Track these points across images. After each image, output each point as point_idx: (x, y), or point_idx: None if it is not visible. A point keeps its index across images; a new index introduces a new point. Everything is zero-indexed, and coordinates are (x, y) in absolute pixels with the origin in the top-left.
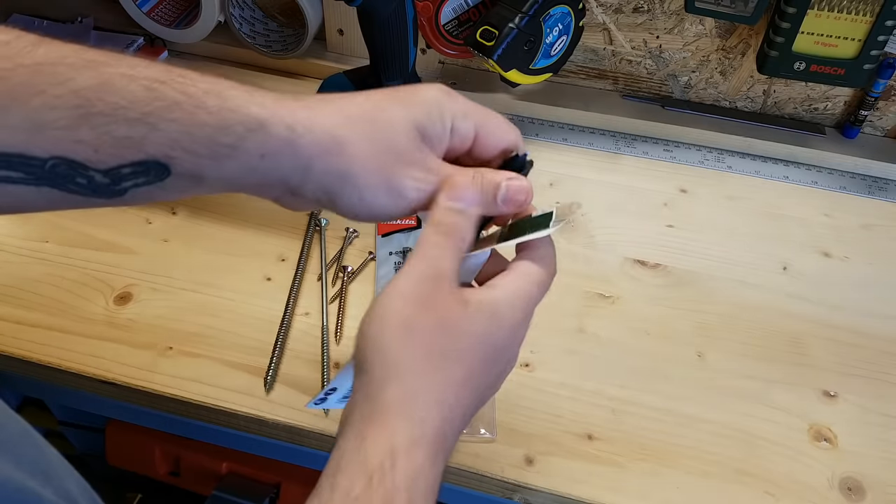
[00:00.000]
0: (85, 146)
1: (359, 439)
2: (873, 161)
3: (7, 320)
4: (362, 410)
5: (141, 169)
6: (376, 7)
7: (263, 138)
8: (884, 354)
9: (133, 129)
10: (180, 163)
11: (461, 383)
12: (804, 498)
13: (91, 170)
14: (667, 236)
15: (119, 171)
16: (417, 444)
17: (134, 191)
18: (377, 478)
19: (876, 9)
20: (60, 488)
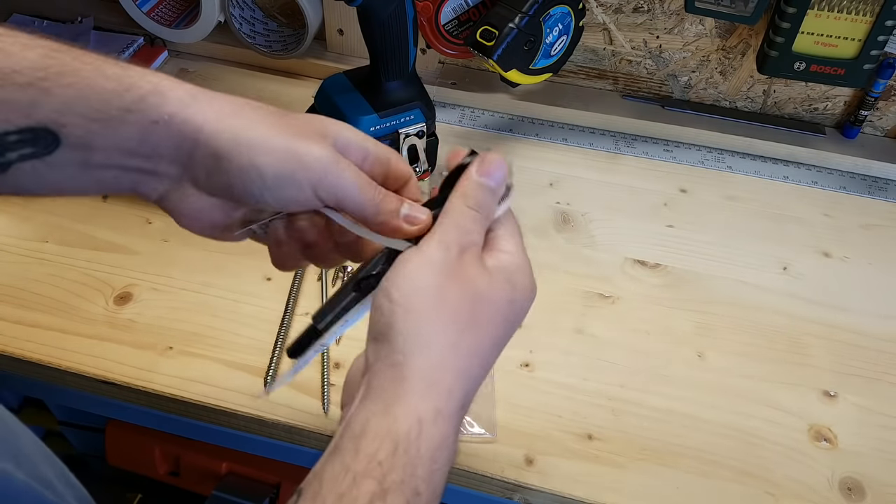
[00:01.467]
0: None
1: (385, 405)
2: (873, 161)
3: (7, 320)
4: (387, 376)
5: (28, 136)
6: (376, 7)
7: (159, 101)
8: (884, 354)
9: (23, 92)
10: (71, 130)
11: (486, 352)
12: (804, 498)
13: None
14: (667, 236)
15: (4, 139)
16: (443, 416)
17: (19, 165)
18: (403, 446)
19: (876, 9)
20: (34, 471)
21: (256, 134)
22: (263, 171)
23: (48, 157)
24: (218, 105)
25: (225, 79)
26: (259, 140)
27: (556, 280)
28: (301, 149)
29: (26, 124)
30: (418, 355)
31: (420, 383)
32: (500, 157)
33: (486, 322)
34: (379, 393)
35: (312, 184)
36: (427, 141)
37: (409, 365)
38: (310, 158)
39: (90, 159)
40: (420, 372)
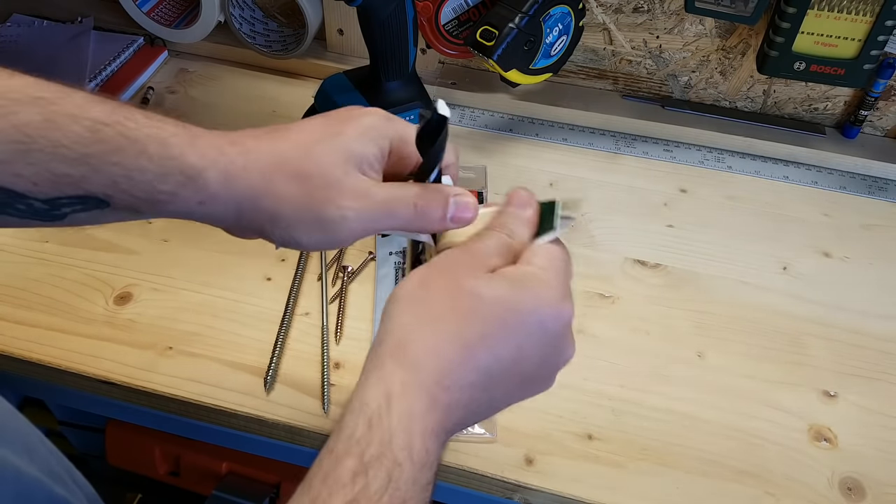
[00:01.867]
0: (24, 180)
1: (360, 386)
2: (873, 161)
3: (7, 320)
4: (368, 362)
5: (79, 201)
6: (376, 7)
7: (200, 186)
8: (884, 354)
9: (73, 168)
10: (119, 201)
11: (471, 343)
12: (804, 498)
13: (30, 198)
14: (667, 236)
15: (58, 201)
16: (409, 388)
17: (73, 216)
18: (375, 420)
19: (876, 9)
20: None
21: (291, 216)
22: (301, 242)
23: (99, 212)
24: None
25: (225, 79)
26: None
27: None
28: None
29: (77, 193)
30: (390, 337)
31: (388, 360)
32: (525, 192)
33: (469, 312)
34: (360, 381)
35: (351, 238)
36: None
37: (382, 346)
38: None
39: (139, 216)
40: (389, 349)
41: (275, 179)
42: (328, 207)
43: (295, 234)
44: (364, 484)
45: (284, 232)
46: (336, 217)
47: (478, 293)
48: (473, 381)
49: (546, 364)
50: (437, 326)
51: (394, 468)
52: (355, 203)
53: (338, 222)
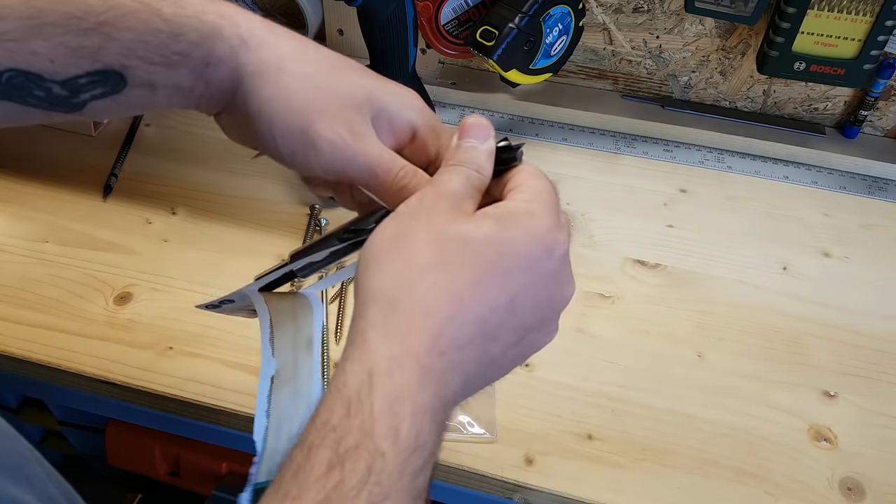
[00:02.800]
0: (40, 57)
1: (340, 368)
2: (873, 161)
3: (7, 320)
4: (349, 342)
5: (98, 78)
6: (376, 7)
7: (214, 46)
8: (884, 354)
9: (87, 38)
10: (135, 71)
11: (463, 292)
12: (804, 498)
13: (48, 81)
14: (667, 236)
15: (76, 82)
16: (396, 362)
17: (92, 103)
18: (354, 406)
19: (876, 9)
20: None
21: (281, 106)
22: (278, 143)
23: (118, 95)
24: (266, 54)
25: None
26: (280, 115)
27: None
28: (314, 133)
29: (94, 68)
30: (371, 305)
31: (370, 333)
32: (480, 119)
33: (455, 259)
34: (339, 362)
35: (322, 165)
36: None
37: (363, 318)
38: (322, 143)
39: (154, 94)
40: (371, 321)
41: (287, 69)
42: (319, 121)
43: (276, 132)
44: (339, 479)
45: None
46: (321, 136)
47: (463, 237)
48: (469, 336)
49: (545, 306)
50: (422, 281)
51: (375, 459)
52: (346, 134)
53: (320, 141)
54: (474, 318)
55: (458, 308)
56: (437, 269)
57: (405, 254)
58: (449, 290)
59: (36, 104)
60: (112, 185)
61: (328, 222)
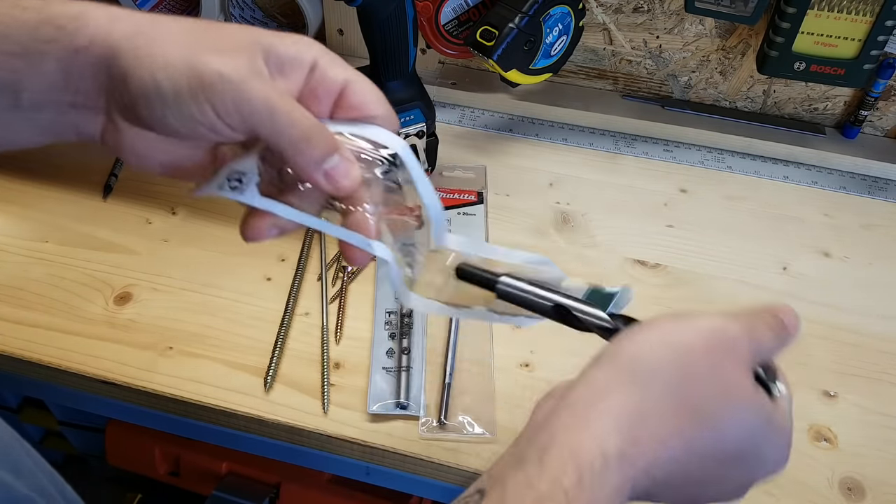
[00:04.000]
0: None
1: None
2: (873, 161)
3: (7, 320)
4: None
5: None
6: (376, 7)
7: (78, 27)
8: (884, 354)
9: None
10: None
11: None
12: (804, 498)
13: None
14: (667, 236)
15: None
16: (627, 462)
17: None
18: (587, 478)
19: (876, 9)
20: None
21: (159, 50)
22: (161, 87)
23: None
24: (135, 23)
25: None
26: (160, 55)
27: None
28: (202, 64)
29: None
30: (634, 394)
31: (619, 419)
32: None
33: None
34: (574, 406)
35: (212, 103)
36: (427, 141)
37: (617, 394)
38: (209, 73)
39: (20, 100)
40: (624, 409)
41: (163, 23)
42: (212, 54)
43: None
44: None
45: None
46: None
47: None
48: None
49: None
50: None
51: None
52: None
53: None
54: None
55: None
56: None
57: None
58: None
59: None
60: (112, 185)
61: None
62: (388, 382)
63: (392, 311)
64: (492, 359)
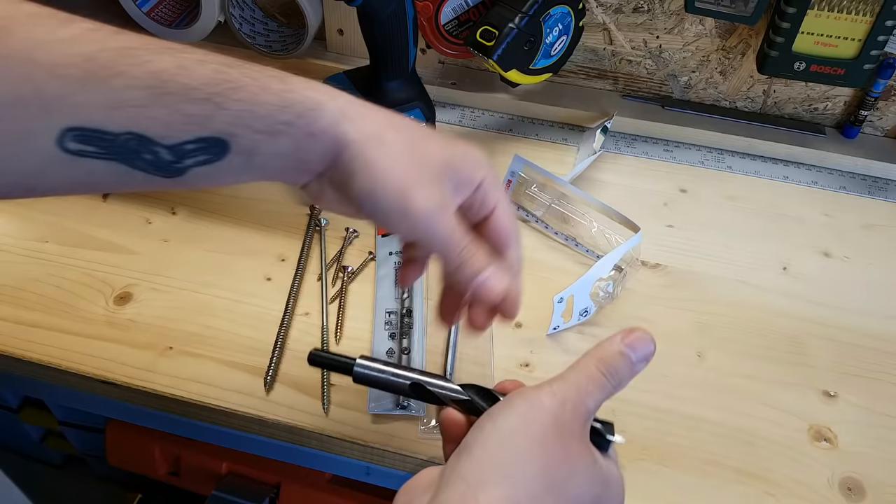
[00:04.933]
0: (157, 122)
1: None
2: (873, 161)
3: (7, 320)
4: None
5: (204, 145)
6: (376, 7)
7: (315, 117)
8: (884, 354)
9: (200, 107)
10: (239, 140)
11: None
12: (804, 498)
13: (158, 145)
14: (667, 236)
15: (183, 147)
16: None
17: (193, 170)
18: None
19: (876, 9)
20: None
21: (383, 167)
22: (377, 204)
23: (218, 163)
24: (365, 124)
25: None
26: (381, 175)
27: (556, 279)
28: (410, 197)
29: (203, 134)
30: (500, 485)
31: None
32: (649, 335)
33: (572, 499)
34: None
35: (410, 227)
36: None
37: (487, 490)
38: (414, 208)
39: (252, 162)
40: (495, 501)
41: (387, 137)
42: (414, 185)
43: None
44: None
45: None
46: (417, 198)
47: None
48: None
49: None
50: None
51: None
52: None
53: (415, 202)
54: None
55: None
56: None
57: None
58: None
59: (142, 167)
60: None
61: (328, 222)
62: None
63: (392, 311)
64: (492, 359)
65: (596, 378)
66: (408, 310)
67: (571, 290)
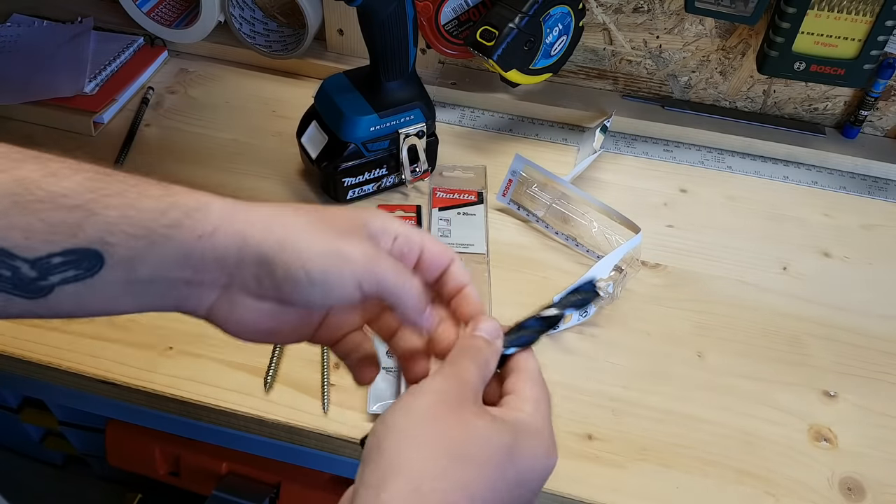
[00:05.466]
0: (15, 232)
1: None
2: (873, 161)
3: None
4: (368, 499)
5: (72, 258)
6: (376, 7)
7: (202, 216)
8: (884, 354)
9: (70, 214)
10: (116, 250)
11: (478, 492)
12: (804, 498)
13: (18, 258)
14: (667, 236)
15: (48, 262)
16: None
17: (60, 288)
18: None
19: (876, 9)
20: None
21: (300, 238)
22: (311, 273)
23: (90, 280)
24: (259, 214)
25: (225, 79)
26: (304, 245)
27: (556, 279)
28: (344, 248)
29: (71, 245)
30: (400, 477)
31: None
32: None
33: (481, 460)
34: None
35: (357, 278)
36: (427, 141)
37: (388, 488)
38: (354, 255)
39: (134, 277)
40: (399, 495)
41: (285, 214)
42: (339, 239)
43: (307, 261)
44: None
45: (294, 259)
46: (350, 248)
47: (485, 437)
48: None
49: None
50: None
51: None
52: (368, 246)
53: (350, 253)
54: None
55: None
56: (461, 464)
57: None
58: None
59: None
60: None
61: None
62: (388, 382)
63: None
64: None
65: (464, 362)
66: None
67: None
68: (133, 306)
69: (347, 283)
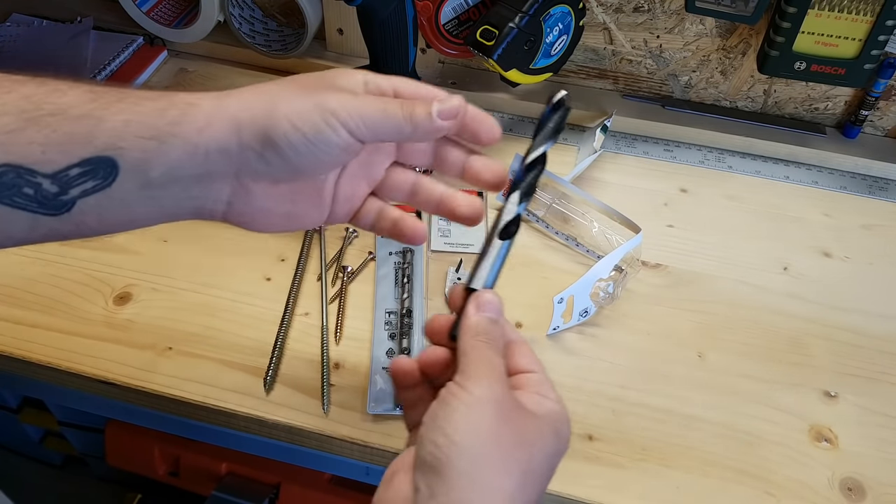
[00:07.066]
0: (34, 147)
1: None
2: (874, 161)
3: (7, 320)
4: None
5: (89, 168)
6: (376, 7)
7: (198, 111)
8: (884, 354)
9: (80, 123)
10: (127, 153)
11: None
12: (804, 498)
13: (38, 174)
14: (667, 236)
15: (67, 174)
16: None
17: (82, 201)
18: None
19: (876, 9)
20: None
21: (284, 103)
22: (304, 130)
23: (108, 190)
24: (245, 95)
25: (225, 78)
26: (289, 107)
27: (556, 279)
28: (324, 100)
29: (87, 154)
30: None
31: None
32: (493, 293)
33: (539, 474)
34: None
35: (345, 125)
36: None
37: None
38: (333, 104)
39: (149, 180)
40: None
41: (267, 86)
42: (325, 94)
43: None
44: None
45: (286, 124)
46: (334, 102)
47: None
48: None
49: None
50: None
51: None
52: (352, 97)
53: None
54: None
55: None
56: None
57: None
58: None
59: (24, 205)
60: None
61: None
62: (388, 383)
63: (392, 311)
64: None
65: (485, 349)
66: (408, 310)
67: (572, 291)
68: (153, 216)
69: (340, 133)
